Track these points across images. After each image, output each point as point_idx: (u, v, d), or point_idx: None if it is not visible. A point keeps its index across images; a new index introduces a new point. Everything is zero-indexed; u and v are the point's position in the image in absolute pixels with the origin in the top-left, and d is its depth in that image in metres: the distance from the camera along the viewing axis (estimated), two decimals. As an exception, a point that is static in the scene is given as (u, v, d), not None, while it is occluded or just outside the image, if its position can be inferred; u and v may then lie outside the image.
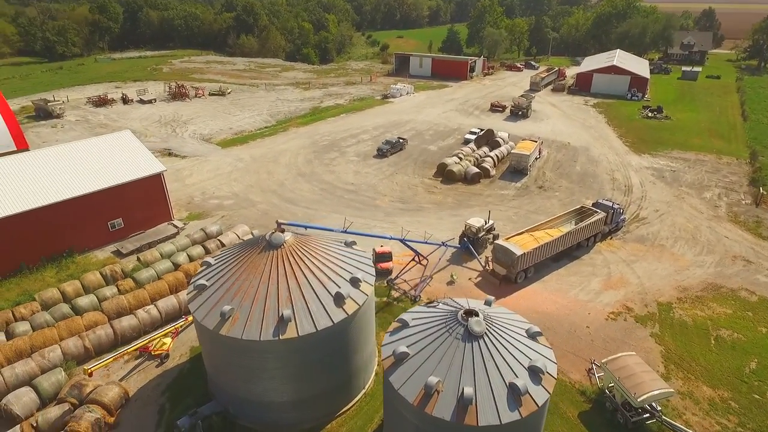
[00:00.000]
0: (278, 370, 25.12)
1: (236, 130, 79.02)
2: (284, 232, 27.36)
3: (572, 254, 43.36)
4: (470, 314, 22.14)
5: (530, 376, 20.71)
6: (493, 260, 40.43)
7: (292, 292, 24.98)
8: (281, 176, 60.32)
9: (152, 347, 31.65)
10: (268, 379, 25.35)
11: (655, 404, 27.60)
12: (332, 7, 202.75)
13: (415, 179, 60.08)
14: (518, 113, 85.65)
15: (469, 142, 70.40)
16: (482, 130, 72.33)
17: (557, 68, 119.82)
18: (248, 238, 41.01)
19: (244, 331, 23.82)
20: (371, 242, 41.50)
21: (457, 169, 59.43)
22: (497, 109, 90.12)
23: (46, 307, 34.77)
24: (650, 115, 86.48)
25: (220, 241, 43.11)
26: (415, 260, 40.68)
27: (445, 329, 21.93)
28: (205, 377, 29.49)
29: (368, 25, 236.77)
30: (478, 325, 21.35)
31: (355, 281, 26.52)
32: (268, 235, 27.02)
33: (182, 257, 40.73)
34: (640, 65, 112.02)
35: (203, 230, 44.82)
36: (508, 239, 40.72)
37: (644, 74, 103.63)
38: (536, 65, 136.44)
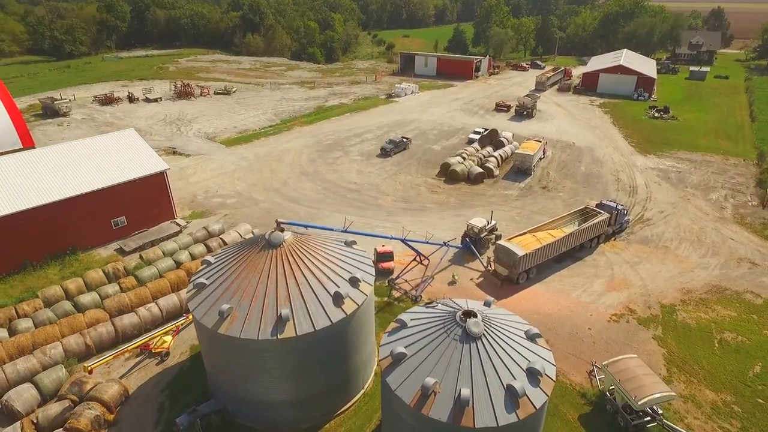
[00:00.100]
0: (276, 369, 25.11)
1: (240, 128, 79.18)
2: (283, 231, 27.35)
3: (575, 255, 43.09)
4: (468, 315, 22.03)
5: (528, 378, 20.56)
6: (494, 261, 40.25)
7: (290, 291, 24.95)
8: (284, 175, 60.38)
9: (153, 345, 31.75)
10: (266, 378, 25.35)
11: (656, 407, 27.34)
12: (338, 6, 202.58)
13: (418, 179, 59.94)
14: (523, 113, 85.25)
15: (473, 141, 70.17)
16: (486, 129, 72.07)
17: (563, 68, 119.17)
18: (250, 237, 41.07)
19: (242, 330, 23.83)
20: (372, 242, 41.44)
21: (460, 168, 59.22)
22: (502, 108, 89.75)
23: (48, 304, 35.03)
24: (657, 115, 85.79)
25: (222, 239, 43.20)
26: (416, 260, 40.58)
27: (443, 330, 21.82)
28: (204, 376, 29.55)
29: (374, 24, 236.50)
30: (476, 326, 21.22)
31: (354, 281, 26.45)
32: (267, 234, 27.01)
33: (184, 255, 40.85)
34: (647, 65, 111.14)
35: (205, 228, 44.98)
36: (510, 240, 40.53)
37: (651, 74, 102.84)
38: (542, 65, 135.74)
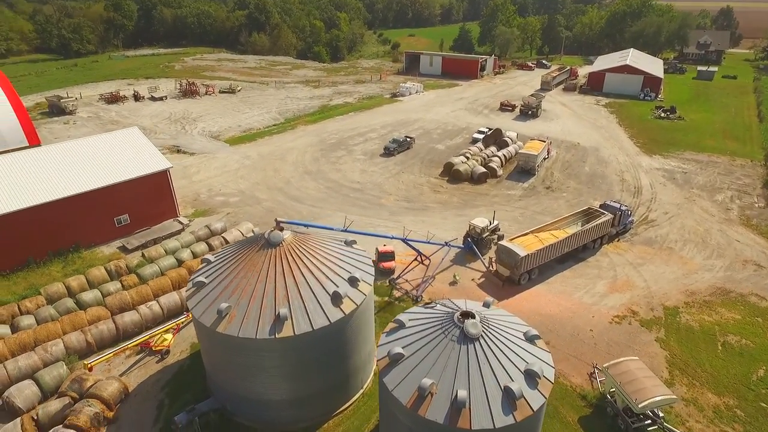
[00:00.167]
0: (274, 368, 25.09)
1: (245, 127, 79.33)
2: (283, 230, 27.32)
3: (578, 256, 42.79)
4: (466, 316, 21.89)
5: (526, 379, 20.40)
6: (496, 261, 40.06)
7: (289, 290, 24.92)
8: (288, 174, 60.43)
9: (153, 343, 31.86)
10: (264, 377, 25.35)
11: (657, 410, 27.10)
12: (344, 5, 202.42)
13: (421, 178, 59.78)
14: (528, 113, 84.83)
15: (477, 141, 69.89)
16: (490, 129, 71.75)
17: (569, 67, 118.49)
18: (251, 235, 41.11)
19: (240, 328, 23.82)
20: (374, 242, 41.36)
21: (463, 168, 59.00)
22: (507, 108, 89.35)
23: (51, 301, 35.24)
24: (663, 115, 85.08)
25: (224, 238, 43.26)
26: (417, 260, 40.46)
27: (441, 331, 21.70)
28: (204, 374, 29.60)
29: (380, 23, 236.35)
30: (474, 327, 21.09)
31: (353, 281, 26.38)
32: (266, 233, 27.00)
33: (186, 254, 40.98)
34: (653, 65, 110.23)
35: (208, 227, 45.10)
36: (512, 240, 40.31)
37: (658, 74, 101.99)
38: (548, 64, 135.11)
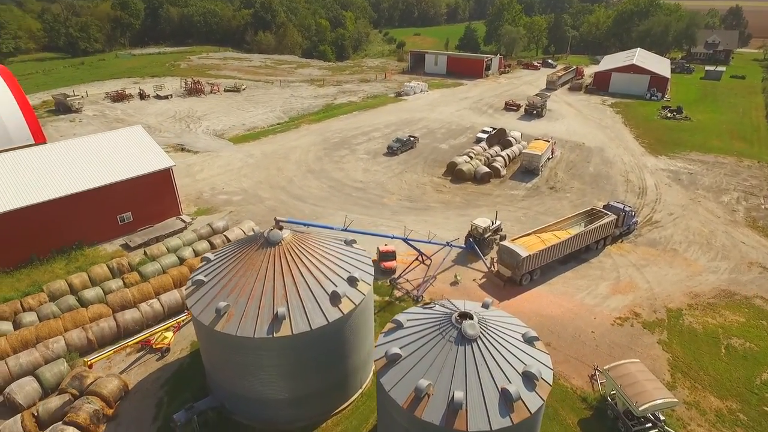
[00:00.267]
0: (272, 367, 25.08)
1: (249, 126, 79.48)
2: (282, 229, 27.29)
3: (581, 257, 42.51)
4: (464, 317, 21.76)
5: (524, 381, 20.25)
6: (498, 261, 39.87)
7: (287, 289, 24.89)
8: (290, 173, 60.46)
9: (154, 341, 31.97)
10: (262, 376, 25.33)
11: (658, 414, 26.86)
12: (350, 4, 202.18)
13: (424, 178, 59.62)
14: (533, 112, 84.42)
15: (480, 141, 69.60)
16: (494, 129, 71.43)
17: (575, 67, 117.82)
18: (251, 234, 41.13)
19: (238, 327, 23.83)
20: (375, 241, 41.29)
21: (466, 168, 58.77)
22: (512, 108, 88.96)
23: (53, 298, 35.40)
24: (669, 115, 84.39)
25: (225, 236, 43.32)
26: (418, 260, 40.34)
27: (438, 331, 21.58)
28: (203, 372, 29.65)
29: (386, 22, 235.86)
30: (471, 328, 20.96)
31: (352, 280, 26.31)
32: (266, 232, 26.98)
33: (188, 252, 41.10)
34: (660, 64, 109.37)
35: (210, 225, 45.18)
36: (514, 240, 40.08)
37: (665, 74, 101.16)
38: (554, 64, 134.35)
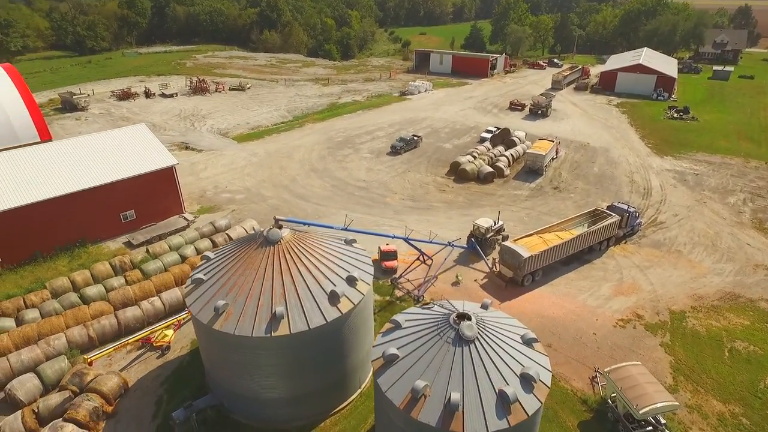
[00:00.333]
0: (270, 366, 25.06)
1: (253, 124, 79.60)
2: (282, 228, 27.26)
3: (583, 258, 42.21)
4: (462, 318, 21.63)
5: (522, 383, 20.11)
6: (499, 262, 39.66)
7: (286, 289, 24.87)
8: (294, 172, 60.47)
9: (154, 338, 32.06)
10: (260, 375, 25.32)
11: (660, 417, 26.61)
12: (355, 3, 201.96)
13: (427, 177, 59.44)
14: (538, 112, 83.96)
15: (484, 140, 69.30)
16: (498, 128, 71.10)
17: (581, 66, 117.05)
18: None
19: (236, 326, 23.83)
20: (376, 241, 41.21)
21: (470, 168, 58.53)
22: (516, 107, 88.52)
23: (56, 295, 35.62)
24: (676, 115, 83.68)
25: (228, 235, 43.39)
26: (419, 260, 40.21)
27: (436, 332, 21.47)
28: (203, 370, 29.70)
29: (392, 21, 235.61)
30: (469, 329, 20.83)
31: (351, 280, 26.25)
32: (265, 231, 26.96)
33: (190, 250, 41.17)
34: (667, 64, 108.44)
35: (212, 224, 45.25)
36: (516, 241, 39.87)
37: (671, 73, 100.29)
38: (560, 63, 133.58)
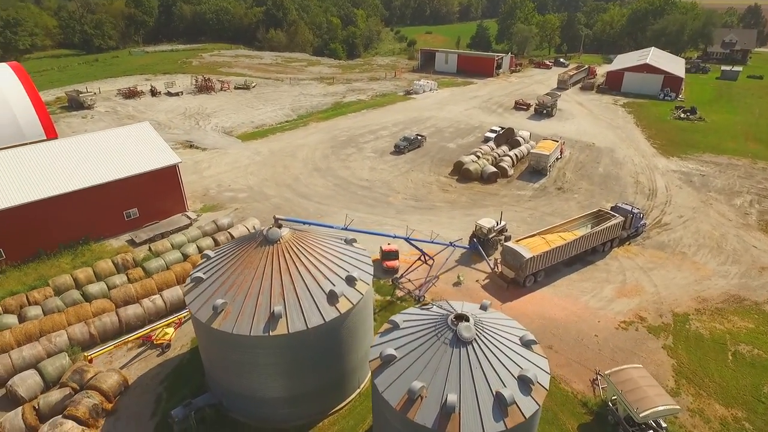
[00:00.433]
0: (268, 366, 25.05)
1: (257, 123, 79.72)
2: (281, 227, 27.23)
3: (586, 259, 41.90)
4: (460, 319, 21.50)
5: (519, 386, 19.95)
6: (501, 262, 39.46)
7: (285, 288, 24.83)
8: (297, 170, 60.50)
9: (155, 336, 32.16)
10: (258, 374, 25.32)
11: (660, 421, 26.34)
12: (361, 2, 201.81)
13: (430, 177, 59.26)
14: (543, 112, 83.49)
15: (489, 140, 69.00)
16: (503, 128, 70.75)
17: (587, 66, 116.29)
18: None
19: (235, 325, 23.83)
20: (378, 240, 41.12)
21: (473, 167, 58.29)
22: (521, 107, 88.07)
23: (58, 292, 35.83)
24: (683, 116, 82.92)
25: (230, 233, 43.48)
26: (421, 260, 40.09)
27: (433, 333, 21.36)
28: (202, 369, 29.74)
29: (398, 20, 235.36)
30: (467, 330, 20.70)
31: (350, 279, 26.17)
32: (265, 230, 26.95)
33: (192, 248, 41.27)
34: (675, 64, 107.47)
35: (214, 222, 45.35)
36: (518, 241, 39.66)
37: (679, 73, 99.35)
38: (566, 63, 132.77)
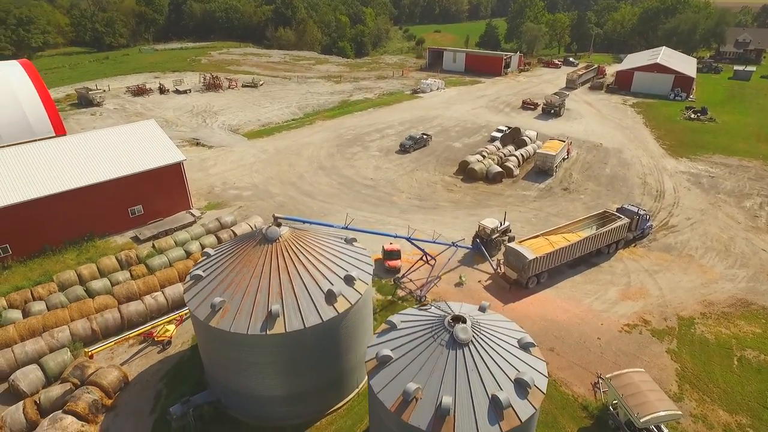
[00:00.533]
0: (266, 364, 25.03)
1: (264, 121, 79.95)
2: (281, 226, 27.19)
3: (591, 261, 41.45)
4: (457, 320, 21.32)
5: (516, 389, 19.73)
6: (504, 263, 39.16)
7: (283, 287, 24.79)
8: (302, 169, 60.54)
9: (156, 333, 32.32)
10: (256, 372, 25.31)
11: (663, 426, 25.95)
12: (371, 0, 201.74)
13: (435, 176, 59.01)
14: (550, 111, 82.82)
15: (495, 140, 68.56)
16: (509, 128, 70.28)
17: (596, 65, 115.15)
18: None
19: (232, 324, 23.83)
20: (381, 240, 41.00)
21: (478, 167, 57.93)
22: (529, 106, 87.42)
23: (62, 288, 36.12)
24: (693, 116, 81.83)
25: (233, 231, 43.62)
26: (423, 260, 39.90)
27: (430, 334, 21.20)
28: (202, 366, 29.84)
29: (407, 19, 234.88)
30: (463, 332, 20.51)
31: (349, 279, 26.07)
32: (264, 228, 26.94)
33: (195, 246, 41.44)
34: (686, 64, 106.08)
35: (218, 220, 45.52)
36: (521, 242, 39.32)
37: (690, 73, 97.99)
38: (575, 62, 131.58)
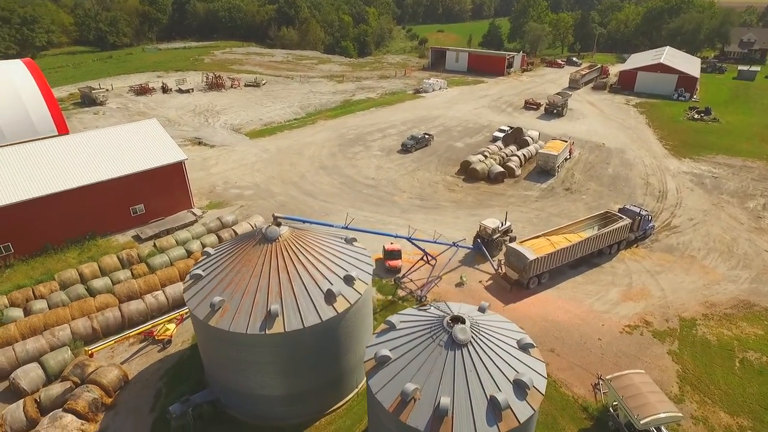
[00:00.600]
0: (265, 364, 25.03)
1: (266, 121, 80.00)
2: (280, 225, 27.19)
3: (592, 261, 41.30)
4: (456, 321, 21.25)
5: (515, 390, 19.66)
6: (505, 264, 39.07)
7: (282, 286, 24.79)
8: (303, 168, 60.55)
9: (156, 332, 32.39)
10: (255, 372, 25.32)
11: (663, 428, 25.81)
12: (374, 0, 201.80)
13: (436, 176, 58.91)
14: (553, 111, 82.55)
15: (497, 140, 68.41)
16: (511, 128, 70.10)
17: (600, 65, 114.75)
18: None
19: (231, 323, 23.84)
20: (381, 240, 40.95)
21: (480, 167, 57.81)
22: (531, 106, 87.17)
23: (63, 287, 36.23)
24: (697, 116, 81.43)
25: (234, 230, 43.64)
26: (423, 260, 39.84)
27: (429, 335, 21.14)
28: (202, 365, 29.86)
29: (410, 18, 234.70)
30: (462, 332, 20.45)
31: (349, 279, 26.04)
32: (264, 228, 26.93)
33: (196, 245, 41.51)
34: (690, 64, 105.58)
35: (219, 219, 45.58)
36: (522, 242, 39.22)
37: (693, 73, 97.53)
38: (579, 62, 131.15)
